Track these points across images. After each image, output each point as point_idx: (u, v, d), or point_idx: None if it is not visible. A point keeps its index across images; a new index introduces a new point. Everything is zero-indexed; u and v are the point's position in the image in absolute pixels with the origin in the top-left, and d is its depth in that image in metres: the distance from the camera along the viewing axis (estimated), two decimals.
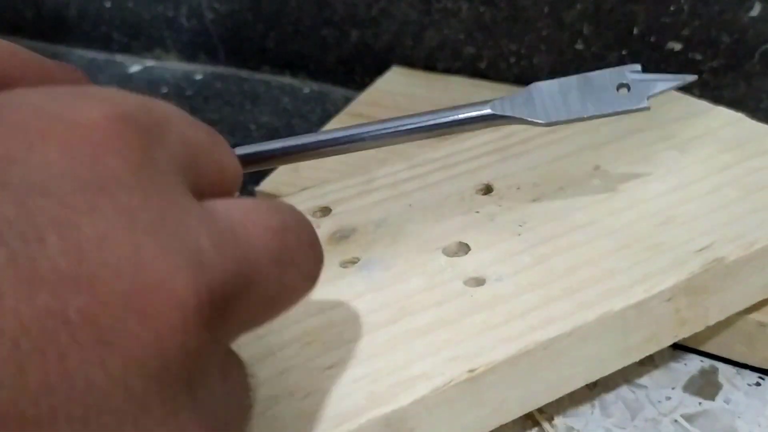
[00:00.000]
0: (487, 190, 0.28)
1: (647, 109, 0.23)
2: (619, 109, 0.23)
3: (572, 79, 0.24)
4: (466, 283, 0.23)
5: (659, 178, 0.27)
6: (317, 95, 0.50)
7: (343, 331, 0.22)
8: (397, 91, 0.43)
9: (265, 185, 0.36)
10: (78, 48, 0.62)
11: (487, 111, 0.23)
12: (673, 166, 0.27)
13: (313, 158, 0.24)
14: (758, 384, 0.25)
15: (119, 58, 0.60)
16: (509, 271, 0.23)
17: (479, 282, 0.23)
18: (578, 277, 0.23)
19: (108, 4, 0.57)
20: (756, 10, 0.35)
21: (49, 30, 0.63)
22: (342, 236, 0.26)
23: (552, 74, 0.42)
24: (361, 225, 0.26)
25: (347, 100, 0.44)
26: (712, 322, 0.24)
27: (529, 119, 0.23)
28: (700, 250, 0.23)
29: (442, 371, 0.20)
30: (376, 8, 0.45)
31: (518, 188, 0.27)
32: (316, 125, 0.46)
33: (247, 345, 0.21)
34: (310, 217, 0.26)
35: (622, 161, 0.28)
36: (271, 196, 0.35)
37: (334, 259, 0.25)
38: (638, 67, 0.23)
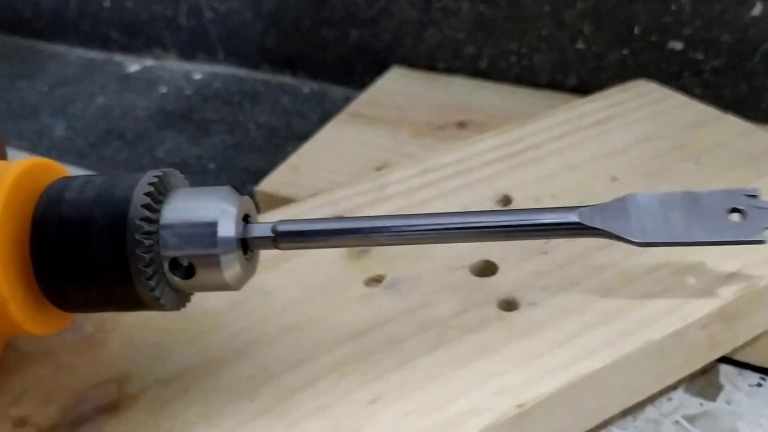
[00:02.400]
0: (506, 201, 0.27)
1: (762, 242, 0.20)
2: (729, 239, 0.20)
3: (676, 196, 0.21)
4: (498, 306, 0.23)
5: None
6: (317, 95, 0.50)
7: (381, 360, 0.21)
8: (397, 90, 0.43)
9: (265, 185, 0.36)
10: (77, 47, 0.62)
11: (573, 219, 0.20)
12: (690, 180, 0.27)
13: (365, 245, 0.23)
14: (760, 385, 0.25)
15: (118, 57, 0.60)
16: (542, 294, 0.23)
17: (512, 305, 0.23)
18: (613, 302, 0.22)
19: (107, 4, 0.57)
20: (757, 10, 0.35)
21: (47, 29, 0.63)
22: (362, 250, 0.25)
23: (552, 74, 0.42)
24: None
25: (347, 100, 0.44)
26: (740, 343, 0.24)
27: (623, 236, 0.20)
28: (731, 274, 0.23)
29: (491, 406, 0.20)
30: (376, 7, 0.45)
31: (537, 200, 0.27)
32: (316, 125, 0.46)
33: (282, 374, 0.21)
34: None
35: (638, 172, 0.28)
36: (270, 197, 0.35)
37: (358, 276, 0.24)
38: (753, 190, 0.21)
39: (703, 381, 0.25)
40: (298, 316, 0.23)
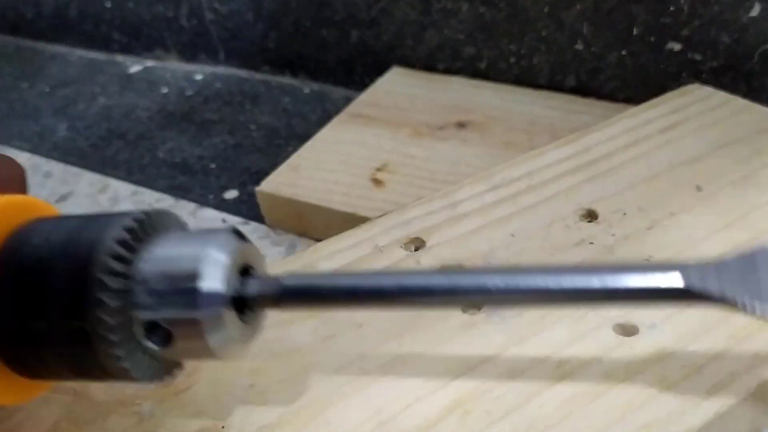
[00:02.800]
0: (592, 216, 0.26)
1: None
2: None
3: None
4: (615, 330, 0.21)
5: None
6: (317, 95, 0.50)
7: (503, 396, 0.20)
8: (397, 91, 0.43)
9: (265, 185, 0.36)
10: (78, 48, 0.62)
11: (679, 285, 0.15)
12: None
13: (395, 310, 0.18)
14: None
15: (119, 58, 0.60)
16: (660, 316, 0.21)
17: (631, 330, 0.21)
18: (737, 324, 0.20)
19: (108, 4, 0.58)
20: (755, 10, 0.35)
21: (49, 30, 0.63)
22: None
23: (552, 75, 0.42)
24: (467, 260, 0.24)
25: (347, 100, 0.44)
26: None
27: (749, 308, 0.15)
28: None
29: None
30: (376, 8, 0.45)
31: (624, 213, 0.26)
32: (316, 125, 0.46)
33: (397, 416, 0.19)
34: (403, 251, 0.25)
35: (723, 181, 0.27)
36: (271, 197, 0.35)
37: None
38: None
39: None
40: (398, 349, 0.21)
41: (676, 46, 0.38)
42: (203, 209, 0.39)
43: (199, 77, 0.55)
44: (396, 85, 0.44)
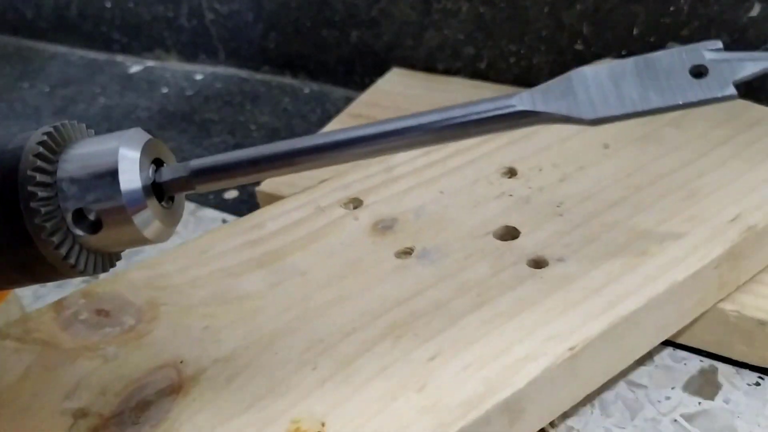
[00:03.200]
0: (512, 173, 0.29)
1: (735, 97, 0.18)
2: (695, 99, 0.17)
3: (628, 63, 0.18)
4: (529, 264, 0.24)
5: (667, 153, 0.28)
6: (317, 95, 0.50)
7: (431, 322, 0.22)
8: (398, 91, 0.43)
9: (265, 185, 0.36)
10: (78, 48, 0.62)
11: (512, 108, 0.18)
12: (676, 142, 0.29)
13: (289, 172, 0.19)
14: (758, 384, 0.25)
15: (120, 58, 0.60)
16: (567, 251, 0.24)
17: (542, 263, 0.24)
18: (633, 251, 0.24)
19: (108, 5, 0.58)
20: (755, 10, 0.35)
21: (49, 30, 0.63)
22: (385, 227, 0.27)
23: (552, 75, 0.42)
24: (400, 214, 0.27)
25: (348, 101, 0.44)
26: (741, 282, 0.25)
27: (571, 116, 0.18)
28: (733, 219, 0.25)
29: (544, 351, 0.21)
30: (376, 9, 0.45)
31: (540, 170, 0.28)
32: (316, 125, 0.46)
33: (338, 343, 0.22)
34: (343, 209, 0.28)
35: (627, 139, 0.29)
36: (271, 196, 0.35)
37: (388, 250, 0.26)
38: (718, 44, 0.18)
39: (701, 380, 0.25)
40: (339, 291, 0.24)
41: (676, 47, 0.38)
42: (203, 209, 0.39)
43: (199, 77, 0.55)
44: (396, 85, 0.44)
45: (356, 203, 0.28)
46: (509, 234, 0.26)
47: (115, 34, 0.59)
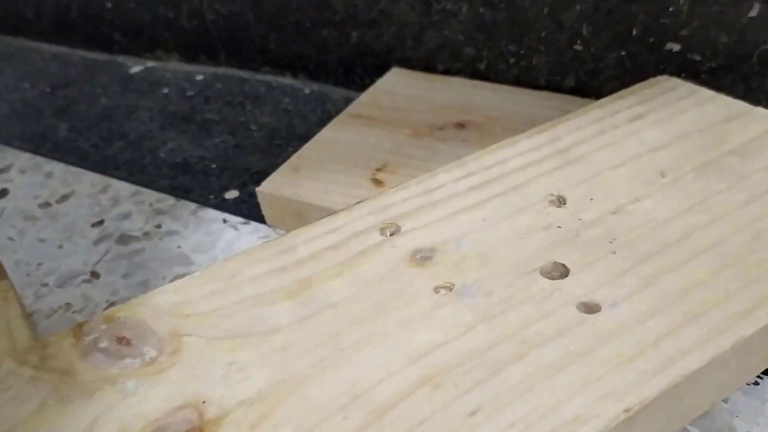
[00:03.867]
0: (560, 201, 0.27)
1: None
2: None
3: None
4: (578, 308, 0.22)
5: (731, 186, 0.27)
6: (318, 96, 0.50)
7: (471, 370, 0.21)
8: (397, 91, 0.43)
9: (266, 186, 0.36)
10: (79, 49, 0.62)
11: None
12: (739, 174, 0.27)
13: None
14: (756, 383, 0.25)
15: (120, 58, 0.60)
16: (620, 295, 0.22)
17: (593, 308, 0.22)
18: (695, 300, 0.22)
19: (109, 5, 0.58)
20: (755, 11, 0.35)
21: (50, 31, 0.63)
22: (424, 257, 0.25)
23: (552, 75, 0.43)
24: (440, 244, 0.25)
25: (348, 101, 0.44)
26: None
27: None
28: None
29: (597, 412, 0.19)
30: (376, 9, 0.46)
31: (591, 199, 0.27)
32: (317, 125, 0.46)
33: (371, 390, 0.20)
34: (379, 235, 0.26)
35: (686, 168, 0.28)
36: (272, 197, 0.36)
37: (426, 284, 0.24)
38: None
39: None
40: (372, 329, 0.22)
41: (675, 47, 0.38)
42: (204, 209, 0.40)
43: (199, 78, 0.55)
44: (396, 85, 0.44)
45: (393, 229, 0.26)
46: (558, 272, 0.24)
47: (116, 34, 0.59)
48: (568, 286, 0.23)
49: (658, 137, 0.30)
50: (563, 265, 0.24)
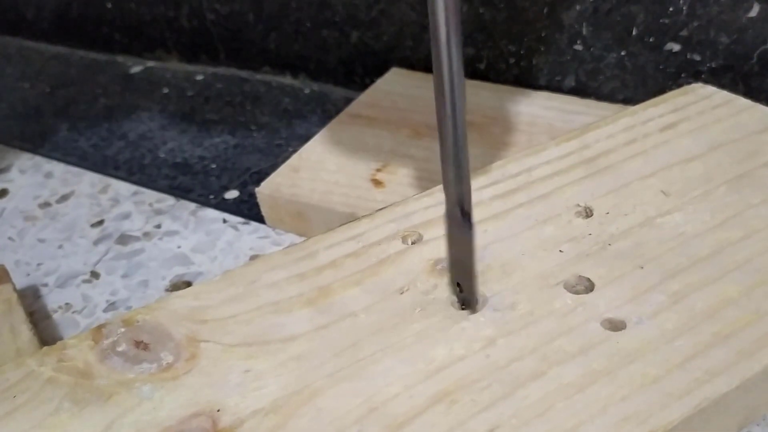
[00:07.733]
0: (587, 212, 0.26)
1: None
2: None
3: None
4: (603, 325, 0.22)
5: (765, 200, 0.26)
6: (318, 96, 0.50)
7: (489, 386, 0.20)
8: (397, 91, 0.43)
9: (266, 186, 0.36)
10: (79, 49, 0.62)
11: None
12: None
13: None
14: None
15: (120, 58, 0.60)
16: (647, 312, 0.22)
17: (618, 325, 0.21)
18: (725, 319, 0.21)
19: (109, 5, 0.58)
20: (754, 11, 0.35)
21: (50, 31, 0.63)
22: (445, 267, 0.24)
23: (551, 75, 0.43)
24: None
25: (348, 101, 0.44)
26: None
27: None
28: None
29: None
30: (376, 9, 0.46)
31: (619, 211, 0.26)
32: (317, 125, 0.46)
33: (387, 403, 0.20)
34: (401, 244, 0.25)
35: (719, 180, 0.27)
36: (272, 197, 0.36)
37: (447, 295, 0.23)
38: None
39: None
40: (390, 340, 0.22)
41: (675, 47, 0.38)
42: (204, 209, 0.40)
43: (199, 78, 0.55)
44: (396, 85, 0.44)
45: (415, 237, 0.26)
46: (582, 286, 0.23)
47: (116, 34, 0.59)
48: (592, 301, 0.22)
49: (690, 147, 0.29)
50: (588, 279, 0.23)
